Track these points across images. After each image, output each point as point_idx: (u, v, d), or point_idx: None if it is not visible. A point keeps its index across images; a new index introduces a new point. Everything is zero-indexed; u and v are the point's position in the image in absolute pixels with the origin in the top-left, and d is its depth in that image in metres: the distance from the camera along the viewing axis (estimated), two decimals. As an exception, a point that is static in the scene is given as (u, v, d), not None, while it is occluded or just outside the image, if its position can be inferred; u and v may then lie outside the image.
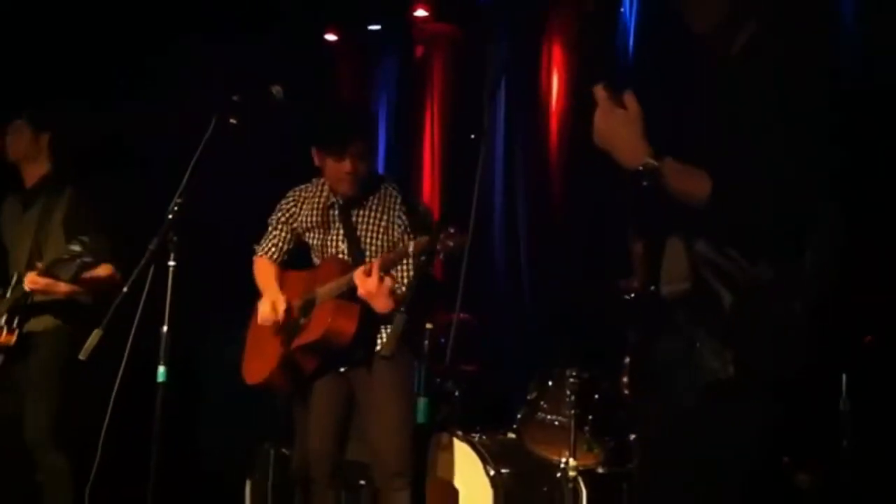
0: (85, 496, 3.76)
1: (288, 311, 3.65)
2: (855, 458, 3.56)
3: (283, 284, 3.77)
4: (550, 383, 4.04)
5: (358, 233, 3.66)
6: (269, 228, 3.86)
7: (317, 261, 3.78)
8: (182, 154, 3.09)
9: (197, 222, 3.40)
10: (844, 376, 3.59)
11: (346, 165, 3.56)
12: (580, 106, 5.26)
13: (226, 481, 4.79)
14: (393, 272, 3.48)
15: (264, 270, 3.85)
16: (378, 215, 3.65)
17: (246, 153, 4.60)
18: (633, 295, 2.33)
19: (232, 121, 3.08)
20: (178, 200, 2.99)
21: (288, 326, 3.64)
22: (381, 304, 3.37)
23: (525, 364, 4.76)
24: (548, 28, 5.59)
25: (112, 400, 4.03)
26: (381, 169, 5.68)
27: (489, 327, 5.16)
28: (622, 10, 5.29)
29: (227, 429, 5.12)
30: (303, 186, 3.83)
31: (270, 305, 3.66)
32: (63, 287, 3.83)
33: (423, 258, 2.45)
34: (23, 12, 5.06)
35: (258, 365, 3.72)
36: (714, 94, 2.26)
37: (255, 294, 3.82)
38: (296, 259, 3.88)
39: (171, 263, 2.99)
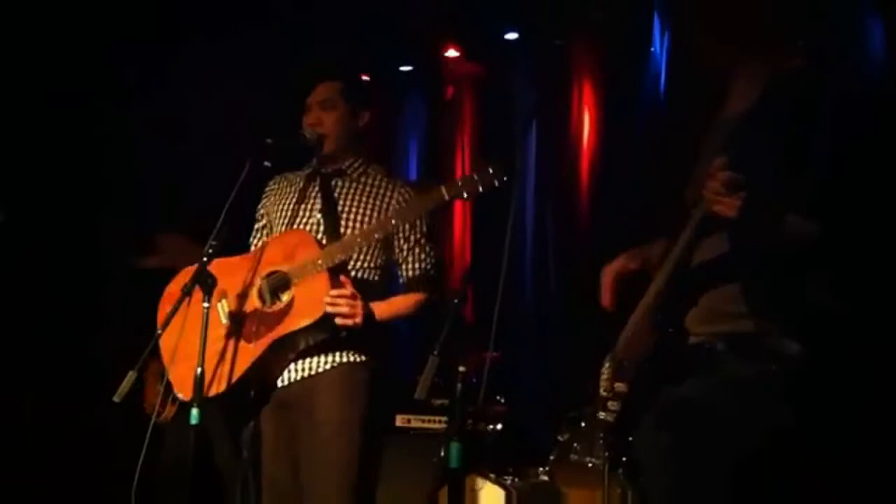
0: None
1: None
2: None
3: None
4: (583, 424, 4.00)
5: (340, 207, 3.14)
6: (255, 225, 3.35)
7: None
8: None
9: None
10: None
11: (311, 116, 3.18)
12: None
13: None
14: (404, 252, 3.13)
15: None
16: (363, 188, 3.17)
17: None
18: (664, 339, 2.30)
19: (266, 164, 3.06)
20: (213, 243, 2.89)
21: (252, 316, 3.00)
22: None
23: (556, 403, 4.72)
24: (577, 66, 5.61)
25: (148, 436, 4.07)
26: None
27: (520, 367, 5.14)
28: (653, 48, 5.31)
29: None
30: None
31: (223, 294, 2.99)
32: None
33: (455, 301, 2.41)
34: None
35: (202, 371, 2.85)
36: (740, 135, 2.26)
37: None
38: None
39: (205, 305, 2.86)
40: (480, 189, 2.85)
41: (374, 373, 3.09)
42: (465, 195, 2.89)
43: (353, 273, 3.10)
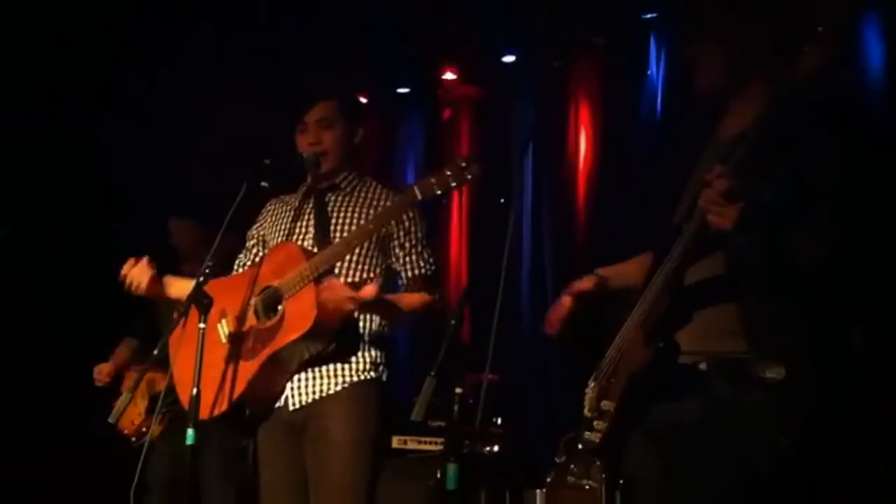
0: None
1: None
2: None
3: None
4: (580, 446, 3.98)
5: (332, 221, 3.14)
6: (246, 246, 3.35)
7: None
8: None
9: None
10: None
11: (309, 136, 3.16)
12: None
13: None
14: (401, 259, 3.10)
15: None
16: (356, 199, 3.17)
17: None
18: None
19: (263, 185, 3.07)
20: (209, 263, 2.91)
21: (249, 334, 3.00)
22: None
23: (554, 425, 4.71)
24: (574, 88, 5.64)
25: (142, 456, 4.06)
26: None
27: (517, 388, 5.14)
28: (650, 70, 5.33)
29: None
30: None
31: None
32: None
33: (452, 322, 2.40)
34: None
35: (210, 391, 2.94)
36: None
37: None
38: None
39: (201, 326, 2.85)
40: (453, 184, 2.79)
41: (383, 389, 3.07)
42: (438, 192, 2.81)
43: (354, 276, 3.07)
